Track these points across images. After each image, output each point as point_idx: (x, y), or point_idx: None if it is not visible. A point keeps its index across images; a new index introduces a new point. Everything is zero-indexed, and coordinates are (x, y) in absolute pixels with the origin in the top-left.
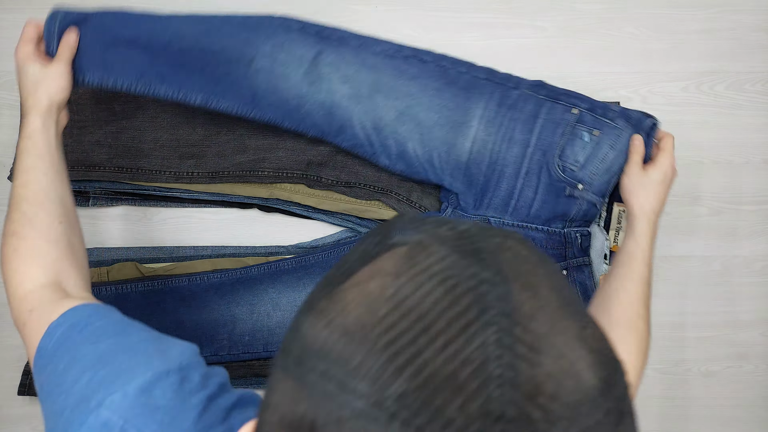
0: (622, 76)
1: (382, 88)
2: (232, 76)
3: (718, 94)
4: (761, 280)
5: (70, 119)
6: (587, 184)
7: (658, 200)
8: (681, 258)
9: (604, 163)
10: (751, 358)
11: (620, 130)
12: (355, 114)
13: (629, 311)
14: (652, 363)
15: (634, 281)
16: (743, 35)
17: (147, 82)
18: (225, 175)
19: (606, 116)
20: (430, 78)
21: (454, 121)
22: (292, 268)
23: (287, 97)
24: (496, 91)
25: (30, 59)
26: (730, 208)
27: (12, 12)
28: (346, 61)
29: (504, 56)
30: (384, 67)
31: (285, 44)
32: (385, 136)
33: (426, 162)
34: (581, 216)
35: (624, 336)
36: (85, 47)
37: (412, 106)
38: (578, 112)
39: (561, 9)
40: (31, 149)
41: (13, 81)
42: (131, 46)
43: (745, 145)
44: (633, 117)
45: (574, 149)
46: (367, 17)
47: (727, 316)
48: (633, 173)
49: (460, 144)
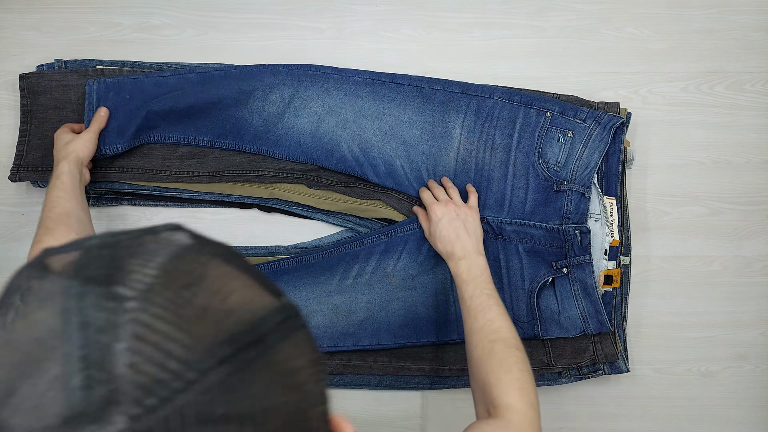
0: (622, 76)
1: (366, 113)
2: (231, 120)
3: (718, 94)
4: (761, 280)
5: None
6: (571, 181)
7: (449, 243)
8: (681, 258)
9: (581, 160)
10: (751, 358)
11: (590, 128)
12: (343, 139)
13: (480, 347)
14: (652, 363)
15: (469, 320)
16: (743, 35)
17: (160, 135)
18: (225, 174)
19: (577, 117)
20: (409, 98)
21: (437, 134)
22: (292, 268)
23: (280, 132)
24: (472, 102)
25: (63, 130)
26: (730, 208)
27: (12, 12)
28: (330, 93)
29: (504, 56)
30: (365, 94)
31: (274, 86)
32: (373, 156)
33: (415, 178)
34: (574, 208)
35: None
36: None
37: (395, 125)
38: (551, 116)
39: (561, 9)
40: (59, 186)
41: (13, 81)
42: (148, 114)
43: (745, 145)
44: (602, 117)
45: (553, 150)
46: (367, 17)
47: (727, 316)
48: (425, 230)
49: (445, 155)
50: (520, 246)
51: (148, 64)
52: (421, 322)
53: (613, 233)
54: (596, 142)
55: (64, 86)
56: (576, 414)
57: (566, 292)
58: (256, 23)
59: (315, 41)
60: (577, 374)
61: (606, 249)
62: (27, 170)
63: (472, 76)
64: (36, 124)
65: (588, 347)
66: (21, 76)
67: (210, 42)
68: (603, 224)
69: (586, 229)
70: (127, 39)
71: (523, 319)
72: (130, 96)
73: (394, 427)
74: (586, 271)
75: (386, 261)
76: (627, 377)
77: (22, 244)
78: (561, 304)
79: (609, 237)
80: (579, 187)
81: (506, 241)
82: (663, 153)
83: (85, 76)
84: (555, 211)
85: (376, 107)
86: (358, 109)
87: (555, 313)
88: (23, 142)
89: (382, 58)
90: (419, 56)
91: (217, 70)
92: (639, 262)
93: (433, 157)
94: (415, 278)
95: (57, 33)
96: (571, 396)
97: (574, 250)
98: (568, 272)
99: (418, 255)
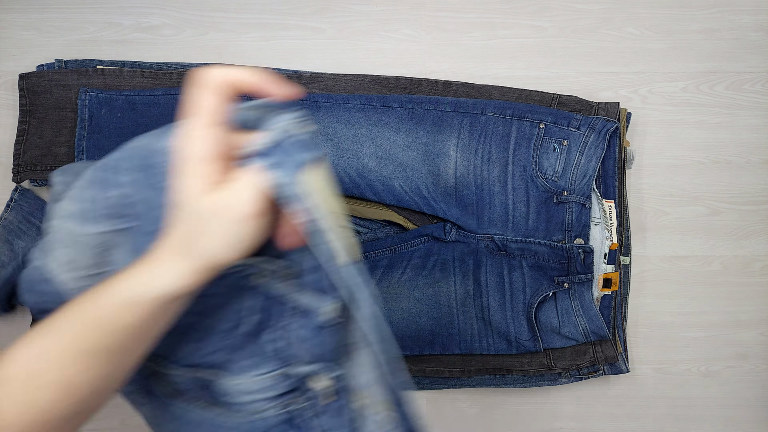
0: (622, 76)
1: (361, 139)
2: None
3: (718, 94)
4: (761, 280)
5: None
6: (570, 191)
7: None
8: (681, 258)
9: (578, 169)
10: (751, 358)
11: (585, 135)
12: (340, 165)
13: None
14: (652, 363)
15: None
16: (743, 35)
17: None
18: None
19: (571, 125)
20: (401, 120)
21: (433, 153)
22: None
23: None
24: (465, 120)
25: None
26: (730, 208)
27: (12, 12)
28: (323, 121)
29: (504, 56)
30: (358, 120)
31: None
32: (370, 179)
33: (416, 195)
34: (576, 219)
35: None
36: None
37: (390, 149)
38: (544, 126)
39: (561, 9)
40: None
41: (13, 81)
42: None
43: (745, 145)
44: (596, 123)
45: (549, 160)
46: (367, 17)
47: (727, 316)
48: None
49: (444, 173)
50: (524, 261)
51: (148, 64)
52: (424, 333)
53: (612, 237)
54: (592, 149)
55: (64, 86)
56: (576, 414)
57: (566, 307)
58: (256, 23)
59: (315, 41)
60: (577, 374)
61: (605, 253)
62: (26, 169)
63: (472, 76)
64: (35, 124)
65: (588, 350)
66: (21, 76)
67: (210, 42)
68: (602, 228)
69: (590, 249)
70: (127, 39)
71: (525, 337)
72: (122, 114)
73: None
74: (585, 287)
75: (391, 274)
76: (627, 377)
77: None
78: (561, 318)
79: (608, 241)
80: (579, 198)
81: (510, 257)
82: (663, 153)
83: (85, 76)
84: (557, 225)
85: (370, 132)
86: (352, 136)
87: (555, 327)
88: (21, 141)
89: (382, 58)
90: (419, 56)
91: None
92: (638, 262)
93: (432, 176)
94: (420, 290)
95: (57, 33)
96: (571, 396)
97: (576, 267)
98: (568, 287)
99: (422, 269)
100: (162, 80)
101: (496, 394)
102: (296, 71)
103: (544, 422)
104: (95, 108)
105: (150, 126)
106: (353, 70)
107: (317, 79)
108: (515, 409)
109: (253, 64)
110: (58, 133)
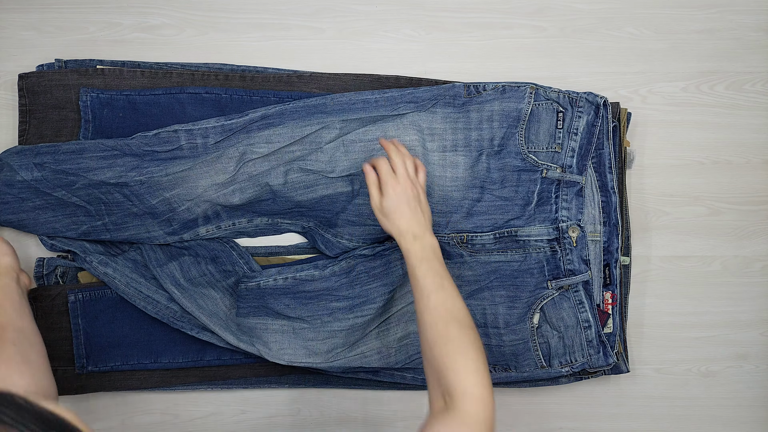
0: (622, 76)
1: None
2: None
3: (718, 94)
4: (761, 280)
5: None
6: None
7: (404, 221)
8: (681, 258)
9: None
10: (751, 358)
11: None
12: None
13: (434, 328)
14: (652, 363)
15: (422, 300)
16: (743, 35)
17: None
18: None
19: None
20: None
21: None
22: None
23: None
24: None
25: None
26: (730, 208)
27: (12, 12)
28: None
29: (504, 56)
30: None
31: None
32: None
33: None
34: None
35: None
36: None
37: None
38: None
39: (561, 9)
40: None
41: (13, 81)
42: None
43: (745, 145)
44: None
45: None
46: (367, 17)
47: (727, 316)
48: (374, 204)
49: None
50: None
51: (148, 64)
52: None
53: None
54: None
55: (64, 86)
56: (576, 414)
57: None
58: (256, 23)
59: (315, 41)
60: (577, 375)
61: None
62: None
63: (473, 76)
64: (35, 124)
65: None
66: (20, 76)
67: (210, 42)
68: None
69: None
70: (127, 39)
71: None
72: (123, 114)
73: (394, 427)
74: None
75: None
76: (627, 377)
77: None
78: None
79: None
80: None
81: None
82: (663, 153)
83: (85, 76)
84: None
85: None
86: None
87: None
88: (21, 141)
89: (382, 58)
90: (419, 56)
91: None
92: (639, 262)
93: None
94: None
95: (57, 33)
96: (571, 396)
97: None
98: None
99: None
100: (162, 80)
101: (496, 394)
102: (296, 71)
103: (544, 422)
104: (97, 108)
105: (151, 125)
106: (353, 70)
107: (317, 79)
108: (515, 409)
109: (254, 64)
110: (58, 133)
